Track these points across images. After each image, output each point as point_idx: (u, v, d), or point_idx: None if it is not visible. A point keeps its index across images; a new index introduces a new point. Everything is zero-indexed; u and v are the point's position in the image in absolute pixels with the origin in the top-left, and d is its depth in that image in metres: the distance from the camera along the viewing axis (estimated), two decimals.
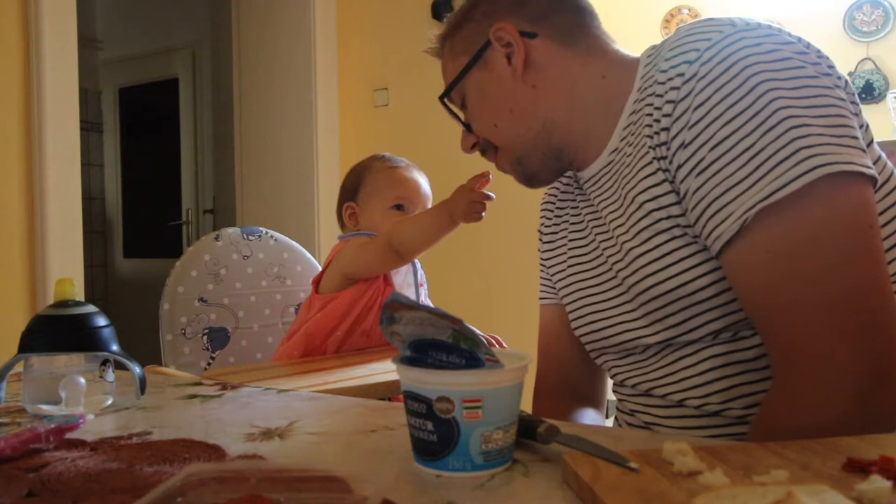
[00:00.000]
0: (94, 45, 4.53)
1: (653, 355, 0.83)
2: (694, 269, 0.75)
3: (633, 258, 0.80)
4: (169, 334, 1.42)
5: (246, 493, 0.44)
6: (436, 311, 0.54)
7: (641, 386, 0.85)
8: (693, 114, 0.71)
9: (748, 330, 0.75)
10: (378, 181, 1.40)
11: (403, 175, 1.40)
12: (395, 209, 1.37)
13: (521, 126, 0.90)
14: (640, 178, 0.78)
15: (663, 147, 0.75)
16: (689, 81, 0.72)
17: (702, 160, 0.70)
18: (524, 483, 0.53)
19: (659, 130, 0.75)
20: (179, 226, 4.31)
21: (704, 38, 0.73)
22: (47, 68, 2.09)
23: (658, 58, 0.79)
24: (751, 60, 0.69)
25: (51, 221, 2.10)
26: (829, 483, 0.44)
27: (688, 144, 0.72)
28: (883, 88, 2.90)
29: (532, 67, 0.88)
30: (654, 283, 0.78)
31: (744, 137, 0.68)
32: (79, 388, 0.75)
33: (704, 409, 0.78)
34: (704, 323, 0.76)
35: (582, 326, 0.92)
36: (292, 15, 3.09)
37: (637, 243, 0.79)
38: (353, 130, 3.16)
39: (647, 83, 0.79)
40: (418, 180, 1.42)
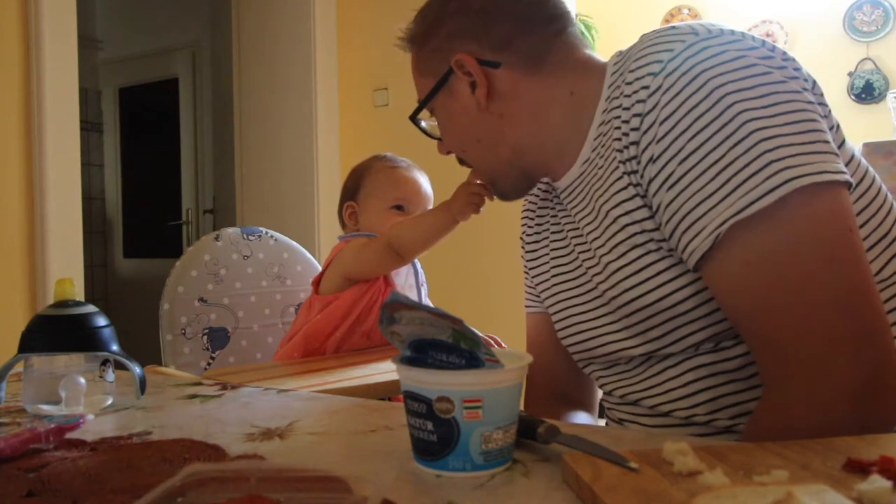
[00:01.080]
0: (94, 45, 4.53)
1: (637, 366, 0.83)
2: (671, 282, 0.74)
3: (612, 272, 0.79)
4: (169, 334, 1.42)
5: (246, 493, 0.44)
6: (436, 311, 0.54)
7: (629, 396, 0.84)
8: (660, 127, 0.70)
9: (730, 340, 0.74)
10: (378, 181, 1.39)
11: (403, 175, 1.40)
12: (395, 209, 1.37)
13: (489, 153, 0.90)
14: (613, 191, 0.77)
15: (633, 161, 0.74)
16: (655, 94, 0.71)
17: (671, 174, 0.69)
18: (524, 483, 0.53)
19: (628, 144, 0.74)
20: (179, 226, 4.30)
21: (667, 49, 0.72)
22: (47, 68, 2.09)
23: (624, 67, 0.78)
24: (715, 71, 0.68)
25: (51, 221, 2.10)
26: (829, 483, 0.44)
27: (657, 158, 0.70)
28: (883, 88, 2.90)
29: (496, 97, 0.86)
30: (633, 297, 0.77)
31: (711, 150, 0.66)
32: (79, 388, 0.75)
33: (692, 420, 0.77)
34: (686, 335, 0.75)
35: (567, 337, 0.92)
36: (292, 15, 3.09)
37: (614, 257, 0.78)
38: (353, 130, 3.16)
39: (615, 93, 0.78)
40: (419, 180, 1.41)
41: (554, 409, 0.99)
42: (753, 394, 0.74)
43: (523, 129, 0.87)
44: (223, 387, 0.89)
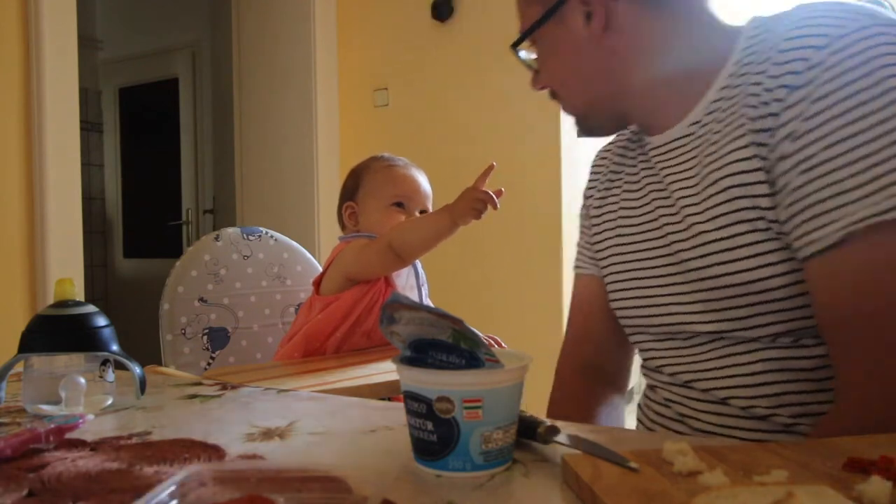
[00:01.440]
0: (94, 45, 4.53)
1: (699, 345, 0.79)
2: (771, 266, 0.70)
3: (704, 242, 0.74)
4: (169, 334, 1.41)
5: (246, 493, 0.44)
6: (436, 311, 0.54)
7: (681, 376, 0.80)
8: (812, 105, 0.66)
9: (812, 339, 0.71)
10: (377, 179, 1.39)
11: (402, 173, 1.40)
12: (395, 207, 1.37)
13: (589, 90, 0.85)
14: (729, 160, 0.72)
15: (765, 133, 0.69)
16: (814, 69, 0.66)
17: (811, 156, 0.65)
18: (524, 483, 0.53)
19: (765, 114, 0.69)
20: (179, 226, 4.30)
21: (837, 25, 0.67)
22: (47, 68, 2.09)
23: (771, 33, 0.73)
24: (889, 60, 0.63)
25: (51, 221, 2.10)
26: (829, 483, 0.44)
27: (798, 137, 0.66)
28: None
29: (612, 30, 0.80)
30: (724, 272, 0.73)
31: (866, 142, 0.62)
32: (79, 388, 0.75)
33: (750, 412, 0.74)
34: (768, 323, 0.72)
35: (621, 300, 0.88)
36: (292, 15, 3.09)
37: (711, 227, 0.74)
38: (353, 130, 3.16)
39: (753, 58, 0.73)
40: (417, 178, 1.41)
41: (584, 384, 0.97)
42: (822, 396, 0.71)
43: (634, 70, 0.82)
44: (223, 387, 0.89)
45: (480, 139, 2.87)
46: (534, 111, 2.77)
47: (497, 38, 2.88)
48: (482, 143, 2.86)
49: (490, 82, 2.84)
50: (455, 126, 2.93)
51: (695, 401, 0.79)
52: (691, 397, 0.80)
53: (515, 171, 2.81)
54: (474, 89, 2.88)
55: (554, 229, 2.72)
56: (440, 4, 2.90)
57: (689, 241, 0.77)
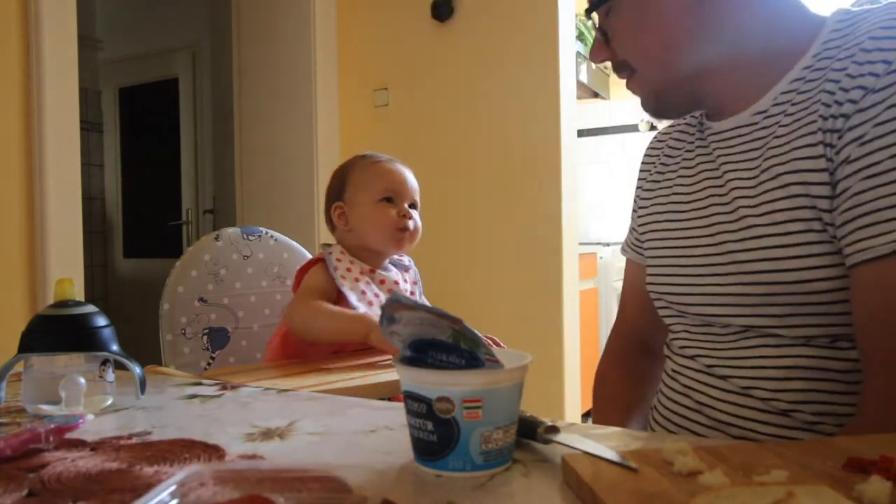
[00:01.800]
0: (94, 45, 4.53)
1: (730, 335, 0.78)
2: (821, 269, 0.69)
3: (755, 235, 0.73)
4: (169, 334, 1.41)
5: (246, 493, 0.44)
6: (436, 311, 0.54)
7: (704, 360, 0.79)
8: (885, 112, 0.65)
9: (848, 342, 0.70)
10: (364, 176, 1.38)
11: (388, 168, 1.39)
12: (385, 202, 1.35)
13: (672, 65, 0.80)
14: (795, 156, 0.71)
15: (833, 134, 0.68)
16: (893, 74, 0.65)
17: (877, 163, 0.64)
18: (524, 483, 0.53)
19: (837, 115, 0.67)
20: (179, 226, 4.30)
21: None
22: (47, 68, 2.09)
23: (857, 29, 0.71)
24: None
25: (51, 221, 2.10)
26: (829, 483, 0.44)
27: (866, 142, 0.65)
28: None
29: (706, 2, 0.76)
30: (770, 268, 0.71)
31: None
32: (79, 388, 0.75)
33: (771, 405, 0.74)
34: (807, 324, 0.71)
35: (661, 285, 0.87)
36: (292, 15, 3.09)
37: (765, 222, 0.72)
38: (353, 130, 3.16)
39: (833, 52, 0.72)
40: (404, 172, 1.40)
41: (634, 359, 1.00)
42: (849, 399, 0.71)
43: (719, 47, 0.78)
44: (223, 387, 0.89)
45: (480, 139, 2.87)
46: (534, 111, 2.78)
47: (497, 38, 2.89)
48: (482, 143, 2.86)
49: (490, 82, 2.84)
50: (455, 126, 2.93)
51: (715, 388, 0.78)
52: (711, 385, 0.79)
53: (515, 172, 2.82)
54: (474, 89, 2.88)
55: (554, 229, 2.72)
56: (440, 4, 2.90)
57: (739, 232, 0.75)
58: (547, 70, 2.74)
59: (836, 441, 0.53)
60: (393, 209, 1.35)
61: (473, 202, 2.86)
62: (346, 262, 1.33)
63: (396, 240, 1.35)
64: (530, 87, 2.77)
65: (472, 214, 2.85)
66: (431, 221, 2.96)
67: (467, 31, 2.89)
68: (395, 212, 1.34)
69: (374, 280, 1.34)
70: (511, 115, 2.81)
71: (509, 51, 2.78)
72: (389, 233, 1.34)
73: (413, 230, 1.36)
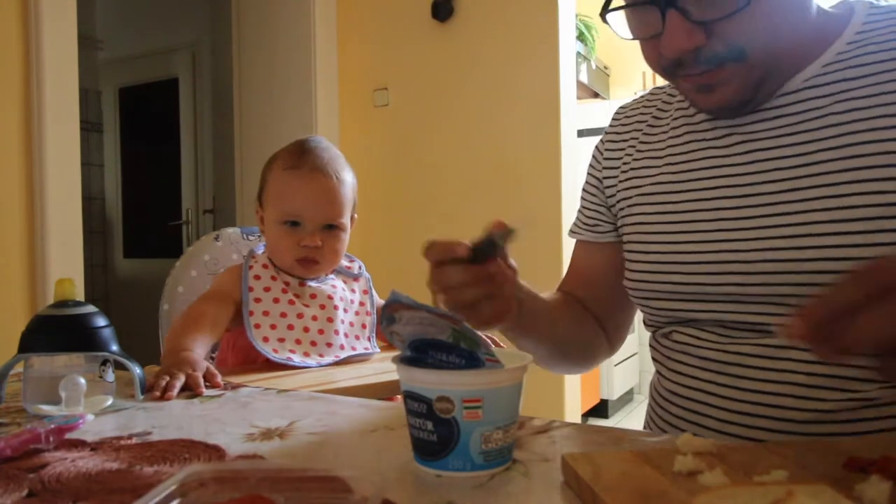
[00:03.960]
0: (94, 45, 4.53)
1: (750, 333, 0.74)
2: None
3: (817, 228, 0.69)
4: None
5: (246, 493, 0.44)
6: (436, 311, 0.54)
7: (714, 360, 0.76)
8: None
9: None
10: (274, 188, 1.20)
11: (298, 181, 1.17)
12: (288, 225, 1.17)
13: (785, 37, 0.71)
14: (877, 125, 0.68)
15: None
16: None
17: None
18: (524, 483, 0.53)
19: None
20: (179, 226, 4.31)
21: None
22: (47, 68, 2.09)
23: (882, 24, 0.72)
24: None
25: (51, 221, 2.10)
26: (829, 483, 0.44)
27: None
28: None
29: None
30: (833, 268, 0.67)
31: None
32: (79, 388, 0.75)
33: (779, 402, 0.71)
34: None
35: (658, 283, 0.81)
36: (292, 15, 3.09)
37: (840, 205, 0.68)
38: (353, 130, 3.16)
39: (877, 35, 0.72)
40: (321, 186, 1.17)
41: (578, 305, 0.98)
42: (868, 413, 0.67)
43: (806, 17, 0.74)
44: (223, 387, 0.89)
45: (480, 139, 2.87)
46: (534, 111, 2.78)
47: (497, 39, 2.89)
48: (482, 143, 2.86)
49: (490, 82, 2.84)
50: (455, 126, 2.93)
51: (730, 388, 0.75)
52: (726, 384, 0.76)
53: (515, 172, 2.81)
54: (474, 89, 2.88)
55: (554, 229, 2.72)
56: (440, 4, 2.90)
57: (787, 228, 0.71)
58: (547, 70, 2.74)
59: (837, 441, 0.53)
60: (294, 236, 1.17)
61: (473, 202, 2.86)
62: (268, 275, 1.19)
63: (300, 269, 1.19)
64: (530, 87, 2.77)
65: (471, 214, 2.85)
66: (431, 221, 2.97)
67: (467, 31, 2.89)
68: (296, 240, 1.16)
69: (303, 294, 1.19)
70: (511, 115, 2.81)
71: (509, 51, 2.78)
72: (290, 262, 1.18)
73: (321, 260, 1.18)
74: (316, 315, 1.17)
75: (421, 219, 2.96)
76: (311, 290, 1.20)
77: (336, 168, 1.20)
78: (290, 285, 1.19)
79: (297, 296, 1.18)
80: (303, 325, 1.15)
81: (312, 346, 1.14)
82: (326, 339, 1.16)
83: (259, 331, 1.12)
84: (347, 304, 1.22)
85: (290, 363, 1.10)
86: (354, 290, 1.26)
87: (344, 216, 1.20)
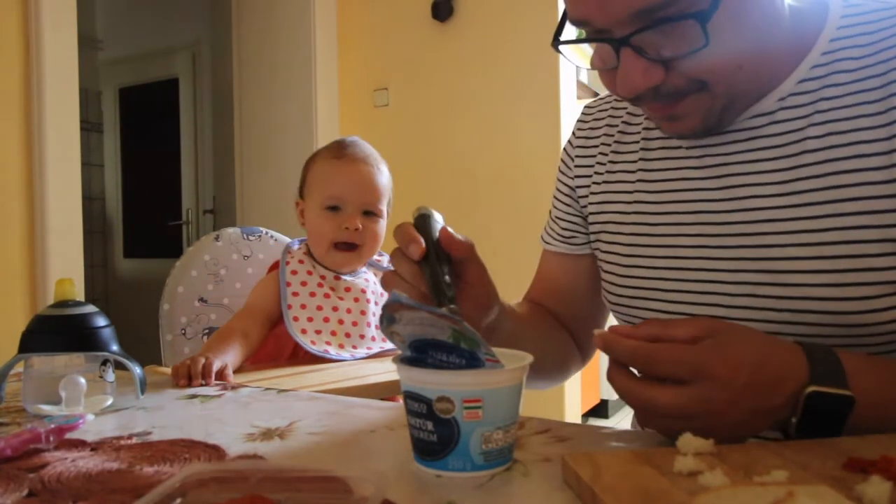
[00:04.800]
0: (94, 45, 4.53)
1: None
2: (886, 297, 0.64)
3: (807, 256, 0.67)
4: (169, 334, 1.41)
5: (246, 493, 0.44)
6: (436, 311, 0.54)
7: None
8: None
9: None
10: (316, 176, 1.25)
11: (340, 168, 1.22)
12: (330, 210, 1.21)
13: (752, 60, 0.67)
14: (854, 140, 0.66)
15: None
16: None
17: None
18: (524, 483, 0.53)
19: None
20: (179, 226, 4.31)
21: None
22: (47, 68, 2.09)
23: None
24: None
25: (51, 221, 2.10)
26: (829, 483, 0.44)
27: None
28: None
29: None
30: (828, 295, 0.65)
31: None
32: (79, 388, 0.75)
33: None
34: (860, 345, 0.66)
35: (646, 303, 0.79)
36: (292, 15, 3.09)
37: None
38: (353, 130, 3.16)
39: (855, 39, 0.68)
40: (360, 171, 1.21)
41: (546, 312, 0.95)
42: None
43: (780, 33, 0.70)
44: (223, 387, 0.89)
45: (480, 139, 2.87)
46: (534, 111, 2.78)
47: (497, 39, 2.89)
48: (482, 142, 2.86)
49: (490, 82, 2.84)
50: (455, 126, 2.93)
51: None
52: None
53: (515, 171, 2.82)
54: (474, 89, 2.88)
55: None
56: (440, 4, 2.90)
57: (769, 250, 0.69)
58: (547, 70, 2.74)
59: (837, 441, 0.53)
60: (335, 220, 1.20)
61: (473, 202, 2.86)
62: (304, 269, 1.22)
63: (339, 256, 1.21)
64: (530, 87, 2.77)
65: (471, 215, 2.85)
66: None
67: (467, 31, 2.89)
68: (337, 223, 1.20)
69: (338, 287, 1.22)
70: (511, 115, 2.81)
71: (509, 51, 2.79)
72: (328, 248, 1.21)
73: (362, 244, 1.21)
74: (350, 308, 1.21)
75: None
76: (345, 283, 1.23)
77: (375, 159, 1.27)
78: (326, 279, 1.23)
79: (333, 289, 1.22)
80: (338, 318, 1.19)
81: (347, 338, 1.18)
82: (359, 332, 1.19)
83: (297, 323, 1.16)
84: (378, 298, 1.26)
85: (327, 356, 1.14)
86: None
87: (382, 203, 1.24)
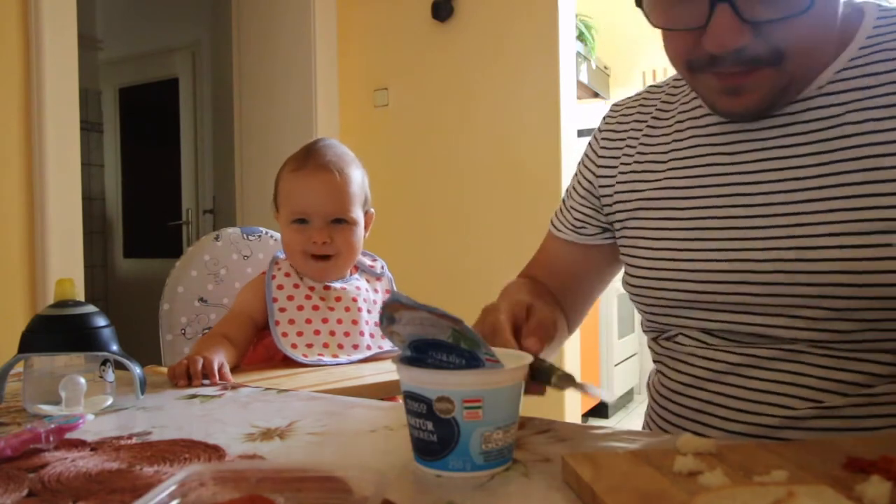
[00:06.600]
0: (94, 45, 4.53)
1: (763, 340, 0.73)
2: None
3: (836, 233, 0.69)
4: (169, 334, 1.41)
5: (246, 493, 0.44)
6: (436, 311, 0.54)
7: (720, 363, 0.76)
8: None
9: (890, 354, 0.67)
10: (282, 190, 1.22)
11: (303, 180, 1.18)
12: (298, 223, 1.19)
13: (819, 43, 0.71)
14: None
15: None
16: None
17: None
18: (524, 483, 0.53)
19: None
20: (179, 226, 4.30)
21: None
22: (47, 68, 2.09)
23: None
24: None
25: (51, 221, 2.10)
26: (829, 483, 0.44)
27: None
28: None
29: None
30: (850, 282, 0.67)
31: None
32: (79, 388, 0.75)
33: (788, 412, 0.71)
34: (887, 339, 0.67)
35: (664, 290, 0.79)
36: (292, 15, 3.09)
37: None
38: (352, 130, 3.16)
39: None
40: (324, 181, 1.17)
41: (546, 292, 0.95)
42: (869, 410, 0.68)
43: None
44: (223, 387, 0.89)
45: (480, 139, 2.87)
46: (534, 111, 2.78)
47: (497, 38, 2.89)
48: (482, 143, 2.86)
49: (490, 82, 2.84)
50: (455, 126, 2.93)
51: (736, 389, 0.75)
52: (733, 385, 0.75)
53: (515, 172, 2.81)
54: (474, 89, 2.88)
55: None
56: (440, 4, 2.90)
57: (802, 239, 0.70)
58: (547, 70, 2.74)
59: (837, 441, 0.53)
60: (304, 233, 1.18)
61: (473, 202, 2.86)
62: (291, 283, 1.20)
63: (314, 267, 1.19)
64: (530, 87, 2.77)
65: (471, 215, 2.85)
66: (431, 221, 2.97)
67: (467, 31, 2.89)
68: (307, 237, 1.18)
69: (328, 297, 1.19)
70: (511, 115, 2.81)
71: (509, 51, 2.78)
72: (301, 260, 1.19)
73: (335, 254, 1.19)
74: (341, 318, 1.19)
75: (420, 219, 2.96)
76: (335, 292, 1.20)
77: (340, 165, 1.20)
78: (315, 290, 1.20)
79: (323, 299, 1.19)
80: (328, 329, 1.17)
81: (339, 349, 1.16)
82: (353, 342, 1.18)
83: (287, 339, 1.15)
84: (371, 305, 1.23)
85: (321, 363, 1.12)
86: (377, 290, 1.28)
87: (352, 210, 1.20)
